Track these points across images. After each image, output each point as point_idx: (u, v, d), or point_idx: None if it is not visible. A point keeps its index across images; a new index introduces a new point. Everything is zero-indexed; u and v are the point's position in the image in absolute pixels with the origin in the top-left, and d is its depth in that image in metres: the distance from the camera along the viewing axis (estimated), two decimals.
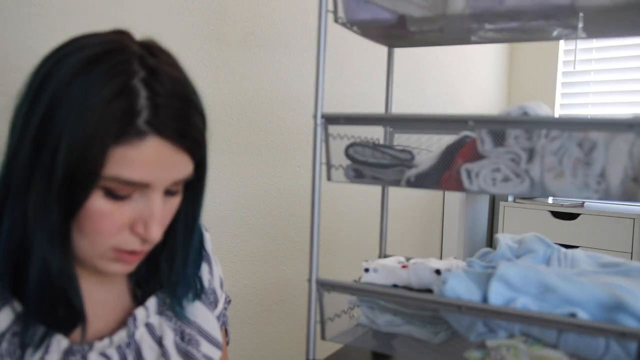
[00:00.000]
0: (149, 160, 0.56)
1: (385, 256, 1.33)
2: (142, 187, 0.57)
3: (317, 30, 1.01)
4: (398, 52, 1.33)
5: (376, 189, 1.41)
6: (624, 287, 0.84)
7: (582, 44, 2.98)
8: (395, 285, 1.07)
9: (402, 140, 1.10)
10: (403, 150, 1.03)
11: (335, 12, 1.05)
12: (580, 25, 0.98)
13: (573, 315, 0.82)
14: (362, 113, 1.05)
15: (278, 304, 1.60)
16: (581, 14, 0.93)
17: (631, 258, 2.37)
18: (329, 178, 1.07)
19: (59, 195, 0.55)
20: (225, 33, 1.37)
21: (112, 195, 0.56)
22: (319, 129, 1.02)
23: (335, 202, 1.80)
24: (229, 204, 1.42)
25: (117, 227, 0.58)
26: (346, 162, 1.06)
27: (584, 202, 2.61)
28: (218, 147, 1.38)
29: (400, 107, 1.41)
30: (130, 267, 0.63)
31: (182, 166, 0.59)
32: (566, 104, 3.10)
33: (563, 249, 1.00)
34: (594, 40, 2.92)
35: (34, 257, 0.56)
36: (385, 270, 1.07)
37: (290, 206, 1.61)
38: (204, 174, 0.66)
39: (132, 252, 0.61)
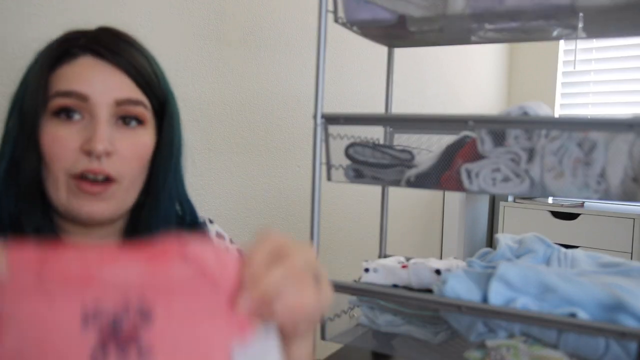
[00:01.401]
0: (82, 72, 0.64)
1: (385, 256, 1.33)
2: (82, 101, 0.63)
3: (317, 30, 1.01)
4: (398, 52, 1.33)
5: (376, 189, 1.41)
6: (624, 287, 0.84)
7: (582, 44, 2.98)
8: (395, 285, 1.07)
9: (402, 140, 1.10)
10: (403, 150, 1.03)
11: (335, 12, 1.05)
12: (580, 25, 0.98)
13: (573, 315, 0.82)
14: (362, 113, 1.05)
15: None
16: (581, 14, 0.93)
17: (631, 258, 2.37)
18: (329, 178, 1.07)
19: (20, 127, 0.63)
20: (225, 33, 1.37)
21: (60, 115, 0.63)
22: (319, 129, 1.02)
23: (335, 202, 1.80)
24: (229, 204, 1.42)
25: (68, 149, 0.63)
26: (346, 162, 1.06)
27: (584, 202, 2.60)
28: (218, 147, 1.38)
29: (400, 107, 1.41)
30: (100, 206, 0.64)
31: (121, 85, 0.65)
32: (566, 104, 3.10)
33: (563, 249, 1.00)
34: (594, 40, 2.91)
35: (4, 211, 0.63)
36: (385, 270, 1.07)
37: (290, 206, 1.61)
38: (172, 118, 0.71)
39: (91, 181, 0.63)
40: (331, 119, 1.02)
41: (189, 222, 0.76)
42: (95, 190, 0.64)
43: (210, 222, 0.82)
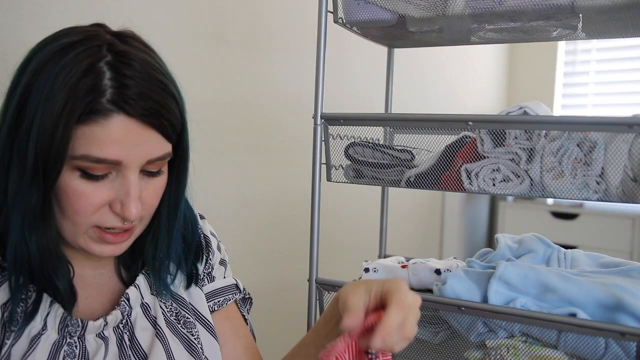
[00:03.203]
0: (116, 138, 0.57)
1: (385, 256, 1.33)
2: (114, 165, 0.59)
3: (317, 30, 1.01)
4: (398, 52, 1.33)
5: (376, 189, 1.41)
6: (623, 287, 0.84)
7: (582, 44, 2.98)
8: None
9: (402, 140, 1.10)
10: (403, 150, 1.03)
11: (335, 12, 1.05)
12: (580, 25, 0.98)
13: (573, 315, 0.83)
14: (362, 113, 1.05)
15: (278, 304, 1.60)
16: (581, 15, 0.93)
17: (631, 258, 2.37)
18: (328, 178, 1.07)
19: (33, 175, 0.57)
20: (225, 33, 1.37)
21: (87, 175, 0.59)
22: (318, 129, 1.02)
23: (335, 202, 1.80)
24: (229, 204, 1.42)
25: (94, 205, 0.60)
26: (346, 162, 1.06)
27: (582, 202, 2.61)
28: (218, 147, 1.38)
29: (400, 107, 1.41)
30: (117, 249, 0.64)
31: (154, 145, 0.61)
32: (566, 104, 3.10)
33: (563, 249, 1.00)
34: (594, 40, 2.92)
35: (10, 238, 0.59)
36: (385, 270, 1.07)
37: (290, 206, 1.61)
38: (185, 156, 0.69)
39: (115, 232, 0.62)
40: (331, 120, 1.02)
41: (192, 239, 0.76)
42: (120, 240, 0.63)
43: (201, 217, 0.82)
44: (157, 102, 0.59)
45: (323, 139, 1.03)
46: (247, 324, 0.84)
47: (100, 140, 0.57)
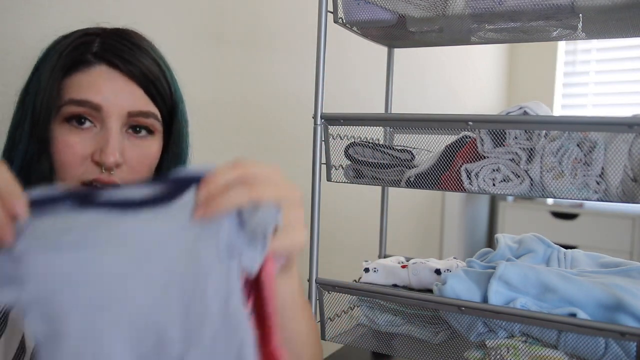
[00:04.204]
0: (96, 82, 0.64)
1: (385, 256, 1.33)
2: (96, 111, 0.63)
3: (317, 30, 1.01)
4: (398, 52, 1.33)
5: (376, 189, 1.41)
6: (624, 287, 0.84)
7: (582, 44, 2.98)
8: (395, 285, 1.07)
9: (402, 140, 1.10)
10: (403, 150, 1.03)
11: (335, 12, 1.05)
12: (580, 25, 0.98)
13: (573, 315, 0.83)
14: (362, 113, 1.05)
15: None
16: (581, 15, 0.93)
17: (631, 258, 2.37)
18: (329, 178, 1.07)
19: (31, 125, 0.63)
20: (225, 33, 1.37)
21: (72, 121, 0.64)
22: (318, 129, 1.02)
23: (335, 202, 1.80)
24: None
25: (79, 156, 0.63)
26: (346, 162, 1.06)
27: (583, 202, 2.61)
28: (218, 147, 1.38)
29: (400, 107, 1.41)
30: None
31: (135, 98, 0.65)
32: (566, 104, 3.10)
33: (563, 249, 1.00)
34: (594, 40, 2.92)
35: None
36: (385, 270, 1.07)
37: None
38: (180, 127, 0.72)
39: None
40: (331, 120, 1.02)
41: None
42: None
43: None
44: (139, 60, 0.66)
45: (323, 139, 1.03)
46: None
47: (82, 84, 0.64)
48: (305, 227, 0.50)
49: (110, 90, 0.64)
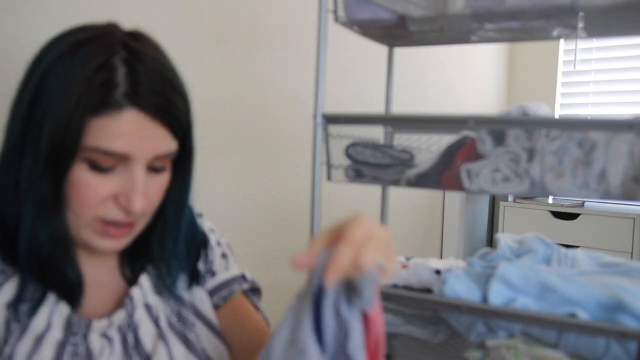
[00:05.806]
0: (127, 131, 0.59)
1: None
2: (122, 158, 0.60)
3: (317, 30, 1.01)
4: (398, 52, 1.33)
5: (376, 189, 1.41)
6: (624, 287, 0.84)
7: (582, 44, 2.98)
8: (395, 285, 1.07)
9: (402, 140, 1.10)
10: (403, 150, 1.03)
11: (335, 11, 1.05)
12: (580, 25, 0.98)
13: (573, 315, 0.82)
14: (362, 113, 1.05)
15: (278, 304, 1.59)
16: (581, 14, 0.93)
17: (631, 258, 2.37)
18: (329, 178, 1.07)
19: (45, 166, 0.59)
20: (225, 32, 1.37)
21: (95, 167, 0.60)
22: (319, 129, 1.02)
23: (335, 202, 1.80)
24: (229, 204, 1.42)
25: (100, 197, 0.61)
26: (346, 162, 1.06)
27: (584, 202, 2.61)
28: (218, 147, 1.38)
29: (400, 107, 1.41)
30: (118, 243, 0.65)
31: (162, 141, 0.62)
32: (566, 104, 3.10)
33: (563, 249, 1.00)
34: (594, 40, 2.92)
35: (23, 226, 0.60)
36: None
37: (290, 206, 1.61)
38: (191, 154, 0.70)
39: (117, 226, 0.63)
40: (331, 119, 1.02)
41: (192, 238, 0.76)
42: (122, 234, 0.64)
43: (199, 215, 0.82)
44: (167, 98, 0.61)
45: (323, 139, 1.03)
46: (259, 312, 0.84)
47: (112, 133, 0.58)
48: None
49: (139, 139, 0.60)
